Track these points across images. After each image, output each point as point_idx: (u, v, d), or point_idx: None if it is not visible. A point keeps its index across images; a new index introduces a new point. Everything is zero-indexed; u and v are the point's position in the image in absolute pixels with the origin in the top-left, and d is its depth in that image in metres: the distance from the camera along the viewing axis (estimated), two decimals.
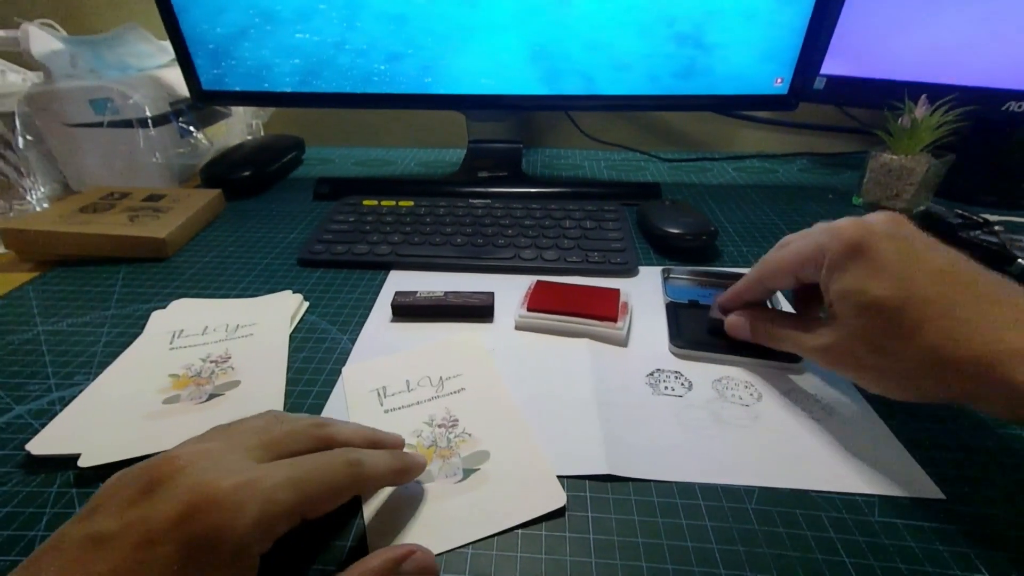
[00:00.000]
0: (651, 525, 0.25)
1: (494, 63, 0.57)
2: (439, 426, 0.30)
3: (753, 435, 0.30)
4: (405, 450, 0.28)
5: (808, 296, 0.33)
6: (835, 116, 0.78)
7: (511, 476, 0.27)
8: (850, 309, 0.26)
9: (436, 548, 0.23)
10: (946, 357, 0.23)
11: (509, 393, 0.32)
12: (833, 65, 0.64)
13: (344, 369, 0.35)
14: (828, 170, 0.74)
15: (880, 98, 0.57)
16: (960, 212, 0.50)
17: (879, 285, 0.25)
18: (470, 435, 0.29)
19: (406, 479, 0.25)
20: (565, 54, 0.56)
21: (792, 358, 0.34)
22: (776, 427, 0.30)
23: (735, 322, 0.34)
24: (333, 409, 0.32)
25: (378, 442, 0.25)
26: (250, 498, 0.18)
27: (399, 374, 0.34)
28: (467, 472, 0.27)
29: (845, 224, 0.27)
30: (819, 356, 0.29)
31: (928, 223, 0.51)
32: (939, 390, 0.24)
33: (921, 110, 0.52)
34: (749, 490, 0.26)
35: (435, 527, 0.25)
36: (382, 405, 0.32)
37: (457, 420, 0.30)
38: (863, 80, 0.62)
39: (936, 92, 0.54)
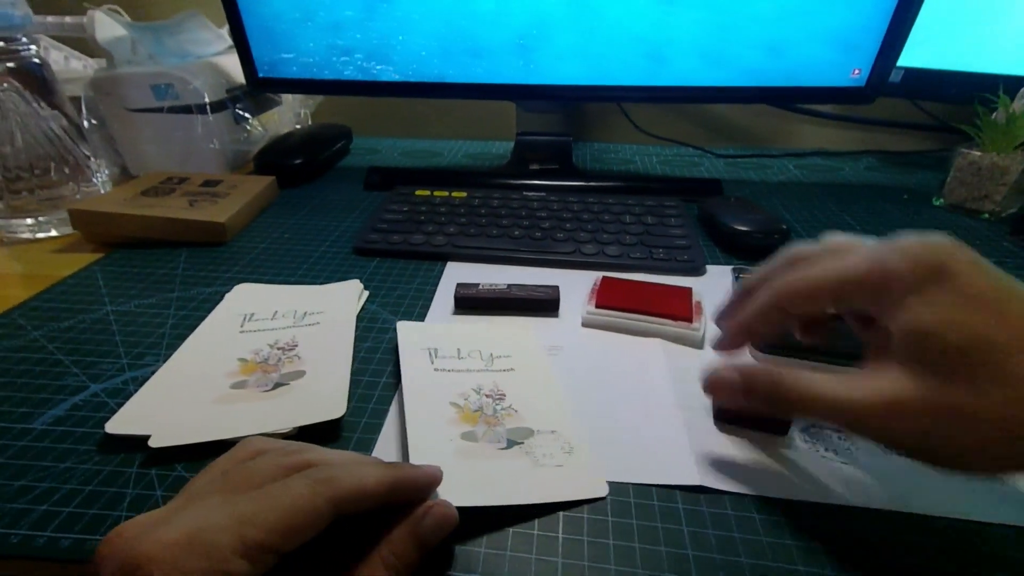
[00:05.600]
0: (754, 544, 0.23)
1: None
2: (487, 395, 0.30)
3: (860, 452, 0.27)
4: (449, 415, 0.28)
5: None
6: (905, 111, 0.73)
7: (553, 458, 0.27)
8: (932, 349, 0.20)
9: (469, 501, 0.23)
10: None
11: (558, 384, 0.32)
12: (911, 56, 0.60)
13: (399, 324, 0.36)
14: (898, 169, 0.70)
15: (967, 91, 0.53)
16: None
17: (978, 319, 0.19)
18: (516, 411, 0.29)
19: (409, 493, 0.21)
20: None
21: None
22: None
23: (722, 378, 0.25)
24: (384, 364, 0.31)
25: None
26: (187, 553, 0.16)
27: (451, 342, 0.35)
28: (511, 443, 0.27)
29: (915, 244, 0.21)
30: (876, 414, 0.20)
31: (1022, 228, 0.47)
32: None
33: (1019, 103, 0.48)
34: (858, 510, 0.24)
35: (471, 482, 0.24)
36: (432, 363, 0.32)
37: (504, 395, 0.31)
38: (947, 73, 0.58)
39: None
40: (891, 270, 0.21)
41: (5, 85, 0.44)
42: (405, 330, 0.35)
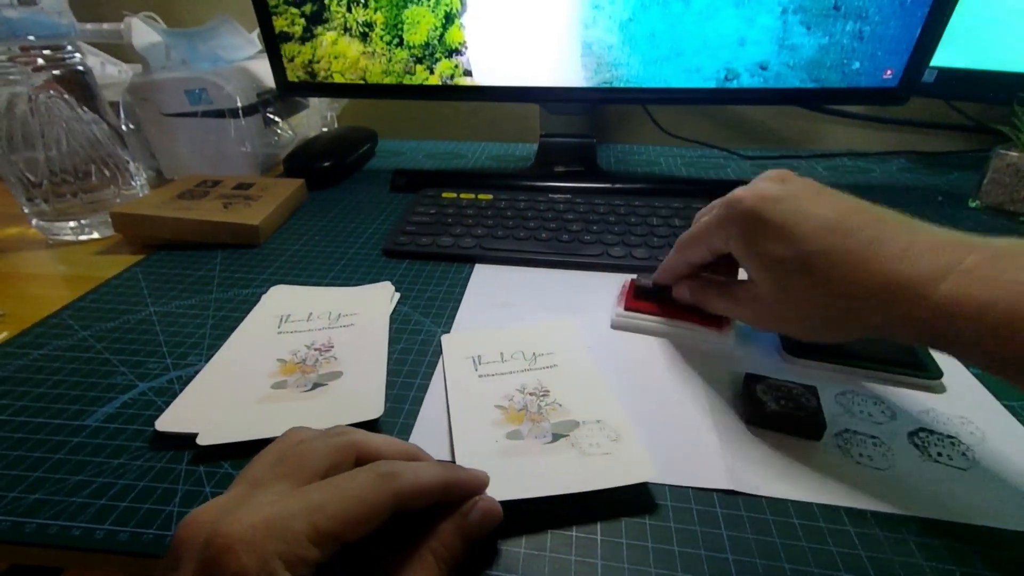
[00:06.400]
0: (795, 549, 0.23)
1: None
2: (530, 394, 0.31)
3: (898, 458, 0.27)
4: (494, 417, 0.29)
5: (729, 265, 0.34)
6: (936, 112, 0.72)
7: (600, 447, 0.27)
8: (763, 271, 0.29)
9: (516, 495, 0.24)
10: (857, 294, 0.25)
11: (601, 375, 0.32)
12: (945, 56, 0.59)
13: (443, 337, 0.36)
14: (930, 170, 0.68)
15: (1004, 92, 0.52)
16: None
17: (778, 247, 0.27)
18: (560, 405, 0.30)
19: (460, 492, 0.22)
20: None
21: (929, 375, 0.31)
22: (917, 450, 0.28)
23: (678, 290, 0.36)
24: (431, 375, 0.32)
25: (418, 457, 0.24)
26: (266, 536, 0.16)
27: (494, 346, 0.35)
28: (556, 436, 0.28)
29: (740, 194, 0.29)
30: (749, 314, 0.31)
31: None
32: (861, 325, 0.26)
33: None
34: (902, 518, 0.24)
35: (517, 477, 0.25)
36: (476, 371, 0.33)
37: (548, 391, 0.31)
38: (982, 72, 0.57)
39: None
40: (726, 221, 0.30)
41: (52, 92, 0.46)
42: (449, 342, 0.36)
